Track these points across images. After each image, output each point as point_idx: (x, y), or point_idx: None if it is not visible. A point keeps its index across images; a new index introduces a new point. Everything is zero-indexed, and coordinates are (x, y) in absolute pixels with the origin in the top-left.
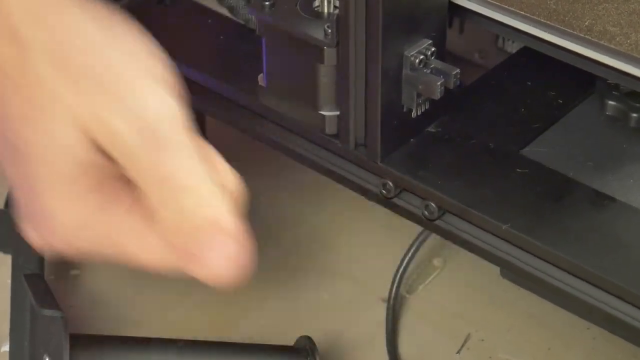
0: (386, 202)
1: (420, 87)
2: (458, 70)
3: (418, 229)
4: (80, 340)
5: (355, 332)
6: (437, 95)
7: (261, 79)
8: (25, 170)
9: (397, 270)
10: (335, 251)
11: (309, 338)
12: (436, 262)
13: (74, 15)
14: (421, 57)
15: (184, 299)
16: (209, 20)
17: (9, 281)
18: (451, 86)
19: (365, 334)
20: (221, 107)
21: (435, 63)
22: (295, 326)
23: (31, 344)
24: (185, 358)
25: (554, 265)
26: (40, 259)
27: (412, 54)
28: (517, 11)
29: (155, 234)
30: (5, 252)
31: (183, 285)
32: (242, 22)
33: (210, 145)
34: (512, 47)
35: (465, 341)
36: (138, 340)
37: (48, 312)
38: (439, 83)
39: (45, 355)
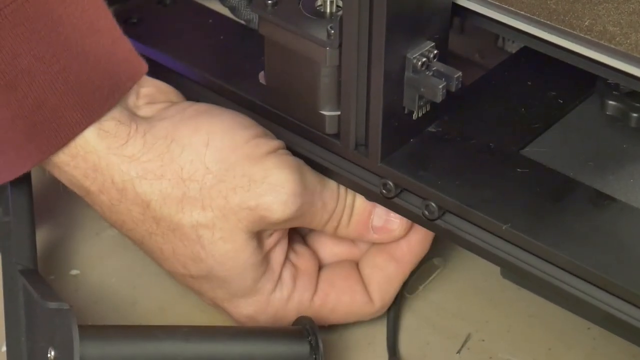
0: (386, 202)
1: (422, 89)
2: (460, 74)
3: None
4: (87, 331)
5: (355, 332)
6: (439, 98)
7: (262, 76)
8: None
9: None
10: None
11: (308, 317)
12: (436, 262)
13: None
14: (423, 59)
15: (183, 299)
16: (209, 20)
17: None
18: (453, 89)
19: (365, 333)
20: (221, 106)
21: (437, 65)
22: None
23: (30, 339)
24: (192, 342)
25: (554, 265)
26: (32, 255)
27: (414, 56)
28: (517, 11)
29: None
30: None
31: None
32: (243, 22)
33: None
34: (512, 47)
35: (465, 341)
36: (144, 328)
37: (53, 305)
38: (441, 86)
39: (50, 349)
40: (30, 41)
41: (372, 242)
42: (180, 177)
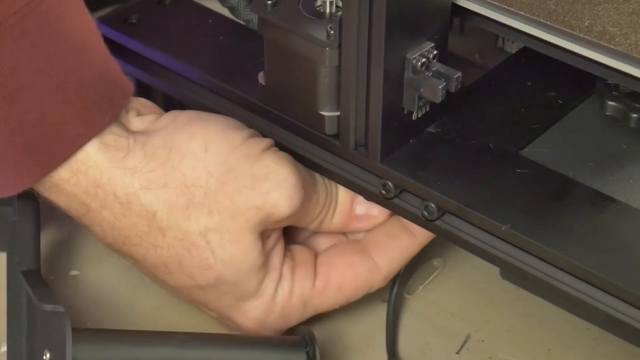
0: (386, 202)
1: (421, 90)
2: (460, 74)
3: None
4: (82, 334)
5: (355, 332)
6: (439, 99)
7: (261, 77)
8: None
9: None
10: None
11: (307, 328)
12: (436, 262)
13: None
14: (423, 60)
15: (182, 300)
16: (209, 20)
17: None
18: (452, 90)
19: (365, 334)
20: (221, 106)
21: (437, 66)
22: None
23: (30, 340)
24: (187, 349)
25: (553, 265)
26: (36, 256)
27: (414, 56)
28: (517, 11)
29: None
30: (0, 249)
31: None
32: (242, 22)
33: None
34: (512, 47)
35: (465, 341)
36: (139, 333)
37: (49, 307)
38: (440, 87)
39: (46, 351)
40: (30, 55)
41: (356, 231)
42: (184, 184)
